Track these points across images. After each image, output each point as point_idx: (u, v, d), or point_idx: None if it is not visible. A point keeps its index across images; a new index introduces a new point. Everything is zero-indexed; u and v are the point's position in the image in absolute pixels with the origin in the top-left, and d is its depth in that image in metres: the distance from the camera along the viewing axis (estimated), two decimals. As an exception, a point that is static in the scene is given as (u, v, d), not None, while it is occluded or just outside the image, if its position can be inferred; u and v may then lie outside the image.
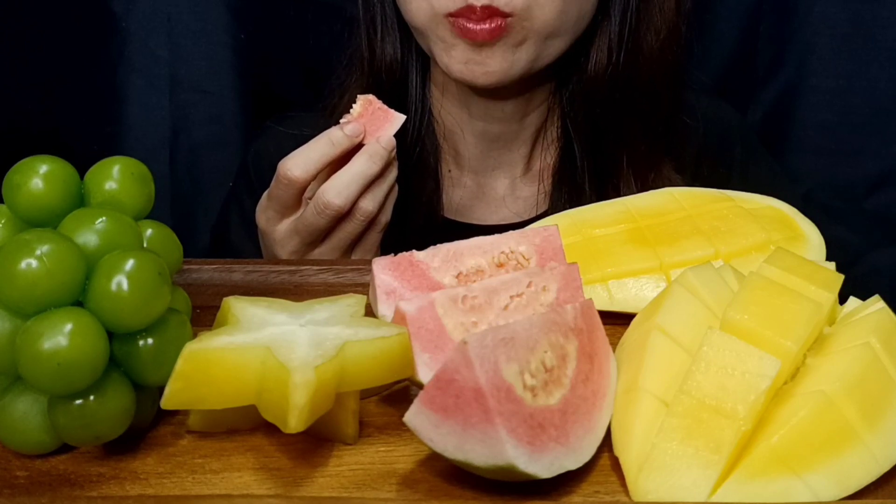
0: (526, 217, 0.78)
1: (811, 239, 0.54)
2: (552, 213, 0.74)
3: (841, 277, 0.45)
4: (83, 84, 0.92)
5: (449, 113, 0.77)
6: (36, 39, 0.90)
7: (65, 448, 0.40)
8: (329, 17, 0.90)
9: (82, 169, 0.43)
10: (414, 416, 0.36)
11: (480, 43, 0.65)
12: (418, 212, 0.77)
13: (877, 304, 0.44)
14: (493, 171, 0.80)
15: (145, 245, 0.43)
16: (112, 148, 0.92)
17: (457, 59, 0.67)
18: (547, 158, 0.78)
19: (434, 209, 0.78)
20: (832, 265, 0.49)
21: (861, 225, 0.93)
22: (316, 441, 0.41)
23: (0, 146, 0.85)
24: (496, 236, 0.48)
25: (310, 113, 0.80)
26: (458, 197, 0.79)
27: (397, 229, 0.75)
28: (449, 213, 0.79)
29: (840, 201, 0.94)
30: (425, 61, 0.76)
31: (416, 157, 0.76)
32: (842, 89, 0.93)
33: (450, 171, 0.79)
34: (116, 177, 0.43)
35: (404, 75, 0.76)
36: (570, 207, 0.73)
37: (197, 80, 0.93)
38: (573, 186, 0.75)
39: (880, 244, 0.93)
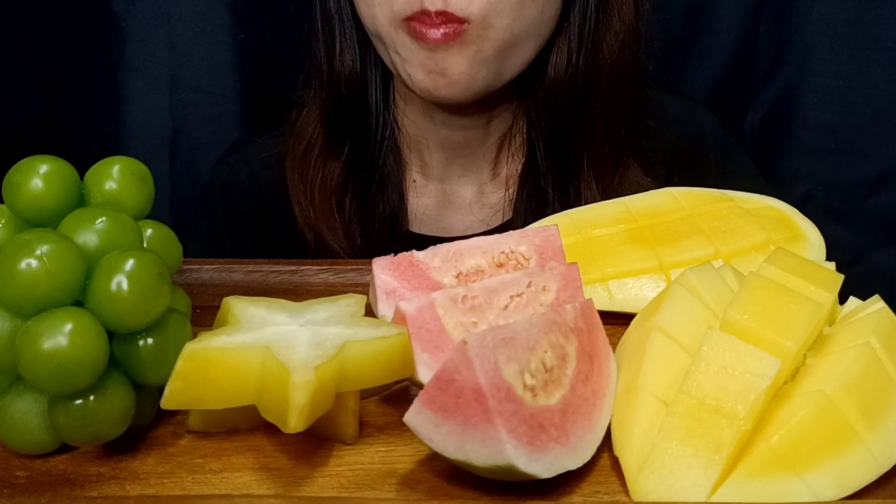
0: (494, 224, 0.77)
1: (811, 239, 0.54)
2: (517, 220, 0.75)
3: (841, 277, 0.45)
4: (83, 84, 0.92)
5: (413, 122, 0.76)
6: (36, 39, 0.90)
7: (65, 448, 0.40)
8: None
9: (82, 169, 0.43)
10: (414, 416, 0.36)
11: (434, 47, 0.64)
12: (382, 225, 0.76)
13: (877, 304, 0.44)
14: (459, 178, 0.79)
15: (145, 245, 0.43)
16: (112, 148, 0.92)
17: (418, 67, 0.66)
18: (513, 165, 0.77)
19: (398, 222, 0.77)
20: (832, 265, 0.49)
21: (861, 225, 0.93)
22: (316, 441, 0.41)
23: (0, 146, 0.85)
24: (496, 236, 0.48)
25: (264, 136, 0.80)
26: (423, 206, 0.78)
27: (361, 245, 0.75)
28: (414, 224, 0.78)
29: (840, 201, 0.94)
30: (385, 72, 0.75)
31: (380, 170, 0.76)
32: (842, 89, 0.93)
33: (415, 180, 0.78)
34: (116, 177, 0.43)
35: (364, 87, 0.75)
36: (534, 212, 0.73)
37: (197, 80, 0.92)
38: (537, 191, 0.74)
39: (880, 244, 0.93)
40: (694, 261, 0.51)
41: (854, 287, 0.46)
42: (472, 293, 0.43)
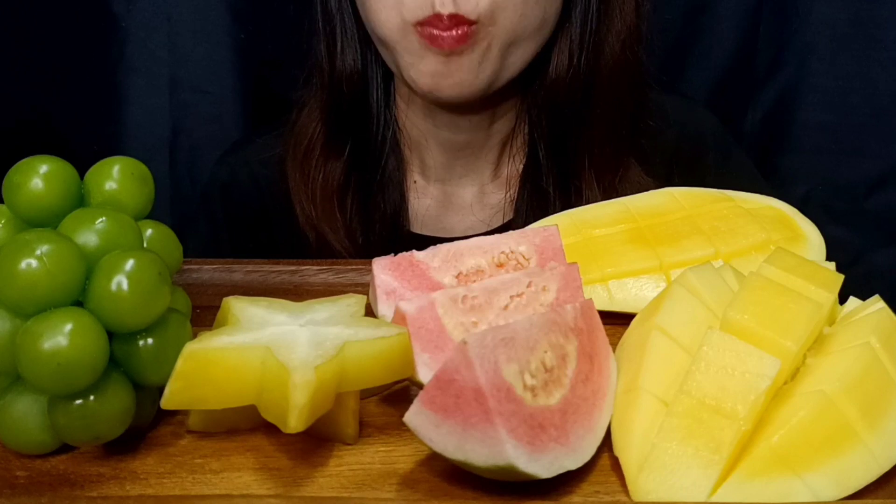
0: (495, 225, 0.77)
1: (811, 239, 0.54)
2: (518, 220, 0.74)
3: (841, 277, 0.45)
4: (83, 84, 0.92)
5: (414, 124, 0.76)
6: (36, 39, 0.90)
7: (65, 448, 0.40)
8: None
9: (82, 169, 0.43)
10: (414, 416, 0.36)
11: (448, 52, 0.64)
12: (383, 225, 0.76)
13: (877, 304, 0.44)
14: (460, 179, 0.78)
15: (145, 245, 0.43)
16: (112, 148, 0.92)
17: (424, 72, 0.66)
18: (514, 165, 0.77)
19: (399, 222, 0.77)
20: (832, 265, 0.49)
21: (861, 225, 0.93)
22: (316, 441, 0.41)
23: (0, 146, 0.85)
24: (496, 236, 0.48)
25: (264, 136, 0.80)
26: (424, 207, 0.78)
27: (362, 244, 0.75)
28: (415, 225, 0.78)
29: (840, 201, 0.94)
30: (387, 71, 0.75)
31: (381, 170, 0.76)
32: (842, 89, 0.93)
33: (415, 181, 0.78)
34: (116, 177, 0.43)
35: (365, 87, 0.75)
36: (535, 213, 0.73)
37: (197, 80, 0.93)
38: (538, 191, 0.74)
39: (880, 244, 0.93)
40: (694, 261, 0.51)
41: (854, 287, 0.46)
42: (472, 293, 0.43)
